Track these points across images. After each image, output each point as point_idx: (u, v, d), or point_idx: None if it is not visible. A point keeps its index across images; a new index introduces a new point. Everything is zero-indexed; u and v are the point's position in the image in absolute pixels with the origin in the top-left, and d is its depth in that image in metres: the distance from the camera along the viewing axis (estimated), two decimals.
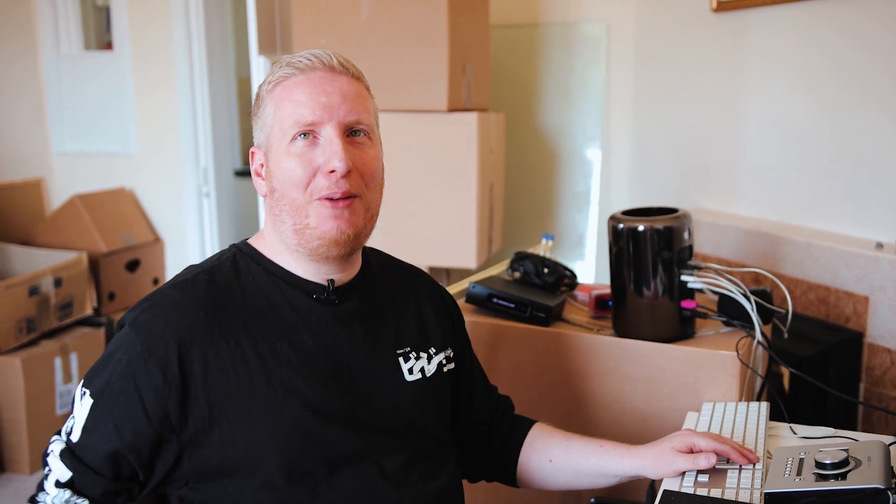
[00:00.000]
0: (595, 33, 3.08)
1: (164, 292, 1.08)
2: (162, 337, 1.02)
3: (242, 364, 1.04)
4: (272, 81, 1.10)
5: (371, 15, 2.40)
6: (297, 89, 1.07)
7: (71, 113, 3.78)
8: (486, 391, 1.37)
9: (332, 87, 1.08)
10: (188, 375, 1.02)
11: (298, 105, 1.07)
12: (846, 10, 2.09)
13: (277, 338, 1.07)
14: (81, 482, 1.02)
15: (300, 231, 1.08)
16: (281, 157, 1.08)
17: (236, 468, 1.03)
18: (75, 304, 3.11)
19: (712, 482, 1.13)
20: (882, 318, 1.91)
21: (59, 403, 2.94)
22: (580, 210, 3.20)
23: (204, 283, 1.08)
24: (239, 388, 1.03)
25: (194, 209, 3.66)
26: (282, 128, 1.08)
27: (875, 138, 2.04)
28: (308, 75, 1.08)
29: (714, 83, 2.59)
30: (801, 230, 2.21)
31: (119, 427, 1.02)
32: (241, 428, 1.03)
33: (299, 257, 1.12)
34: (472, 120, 2.40)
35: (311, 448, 1.05)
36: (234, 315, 1.07)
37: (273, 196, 1.10)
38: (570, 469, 1.28)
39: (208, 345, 1.03)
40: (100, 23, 3.92)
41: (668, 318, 1.56)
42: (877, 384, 1.94)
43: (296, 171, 1.06)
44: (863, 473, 1.04)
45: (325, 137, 1.07)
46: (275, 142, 1.09)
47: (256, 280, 1.11)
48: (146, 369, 1.01)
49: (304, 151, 1.07)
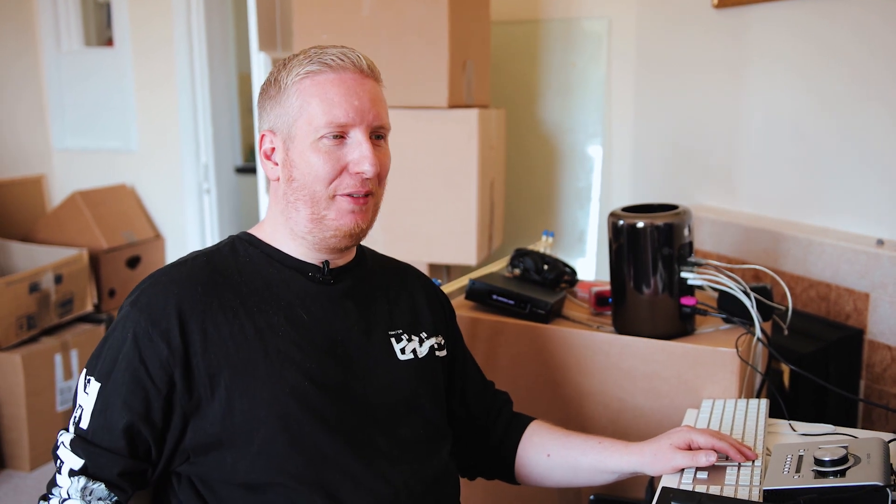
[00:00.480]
0: (596, 30, 3.07)
1: (162, 271, 1.12)
2: (164, 310, 1.05)
3: (240, 335, 1.07)
4: (301, 73, 1.11)
5: (372, 11, 2.40)
6: (331, 88, 1.10)
7: (72, 109, 3.78)
8: (481, 385, 1.38)
9: (363, 91, 1.12)
10: (189, 345, 1.05)
11: (332, 105, 1.10)
12: (846, 7, 2.09)
13: (274, 312, 1.11)
14: (96, 466, 1.03)
15: (316, 221, 1.13)
16: (306, 150, 1.11)
17: (234, 438, 1.05)
18: (76, 301, 3.12)
19: (711, 479, 1.13)
20: (883, 314, 1.90)
21: (59, 400, 2.94)
22: (581, 207, 3.20)
23: (202, 262, 1.13)
24: (237, 357, 1.06)
25: (195, 206, 3.66)
26: (311, 122, 1.10)
27: (875, 135, 2.03)
28: (340, 75, 1.11)
29: (715, 80, 2.58)
30: (801, 227, 2.21)
31: (129, 402, 1.03)
32: (238, 397, 1.05)
33: (302, 243, 1.16)
34: (473, 116, 2.40)
35: (307, 417, 1.07)
36: (232, 291, 1.11)
37: (291, 185, 1.13)
38: (568, 465, 1.28)
39: (207, 316, 1.07)
40: (100, 19, 3.92)
41: (668, 314, 1.55)
42: (877, 381, 1.94)
43: (323, 167, 1.10)
44: (862, 470, 1.04)
45: (353, 139, 1.12)
46: (300, 133, 1.11)
47: (253, 261, 1.15)
48: (151, 342, 1.04)
49: (332, 150, 1.11)
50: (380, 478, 1.10)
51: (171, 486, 1.11)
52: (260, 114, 1.17)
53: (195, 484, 1.09)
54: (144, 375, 1.04)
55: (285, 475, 1.06)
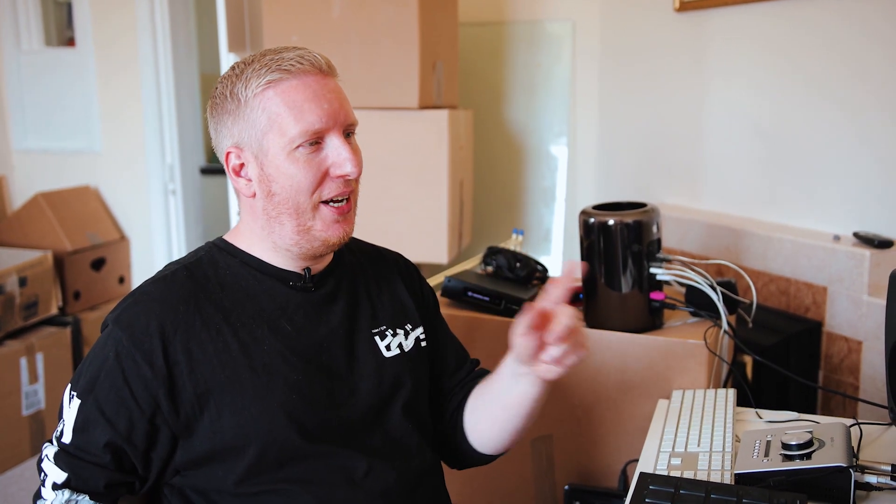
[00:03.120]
0: (561, 31, 3.13)
1: (143, 289, 1.10)
2: (146, 330, 1.04)
3: (225, 352, 1.07)
4: (261, 84, 1.07)
5: (343, 12, 2.41)
6: (296, 95, 1.07)
7: (32, 110, 3.73)
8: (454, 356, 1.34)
9: (329, 92, 1.09)
10: (173, 366, 1.04)
11: (303, 112, 1.07)
12: (801, 10, 2.17)
13: (257, 325, 1.10)
14: (80, 479, 1.03)
15: (303, 232, 1.11)
16: (282, 162, 1.08)
17: (225, 453, 1.06)
18: (40, 304, 3.08)
19: (685, 465, 1.18)
20: (840, 308, 1.98)
21: (24, 404, 2.90)
22: (547, 205, 3.25)
23: (182, 277, 1.11)
24: (223, 374, 1.06)
25: (160, 207, 3.63)
26: (283, 134, 1.07)
27: (831, 135, 2.11)
28: (302, 80, 1.08)
29: (677, 81, 2.65)
30: (761, 224, 2.28)
31: (112, 420, 1.03)
32: (227, 413, 1.05)
33: (286, 254, 1.14)
34: (443, 117, 2.43)
35: (297, 428, 1.08)
36: (214, 306, 1.09)
37: (271, 199, 1.10)
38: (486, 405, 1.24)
39: (190, 335, 1.06)
40: (60, 18, 3.86)
41: (638, 309, 1.61)
42: (835, 371, 2.02)
43: (305, 177, 1.08)
44: (827, 453, 1.10)
45: (330, 143, 1.10)
46: (272, 146, 1.08)
47: (233, 272, 1.14)
48: (134, 362, 1.03)
49: (310, 157, 1.08)
50: (373, 476, 1.12)
51: (164, 495, 1.12)
52: (218, 129, 1.12)
53: (188, 494, 1.10)
54: (128, 395, 1.03)
55: (278, 483, 1.07)
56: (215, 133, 1.13)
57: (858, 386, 1.94)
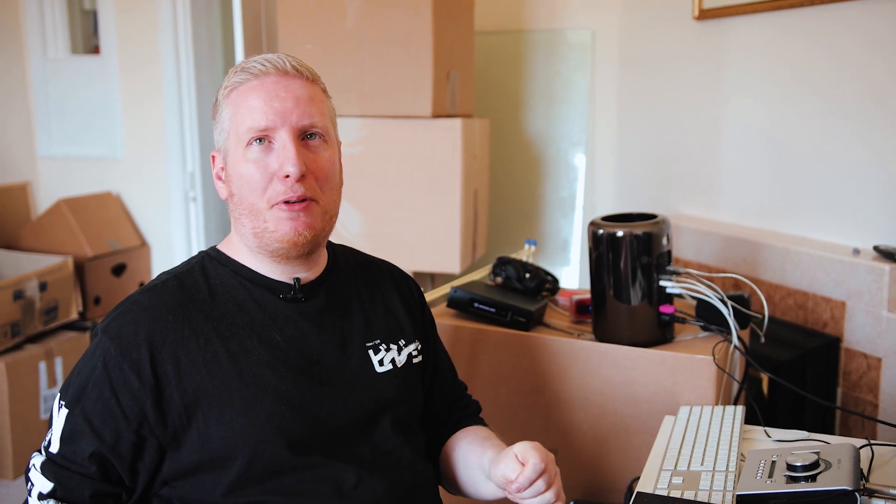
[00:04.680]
0: (580, 40, 3.10)
1: (133, 299, 1.10)
2: (134, 340, 1.04)
3: (214, 362, 1.06)
4: (228, 87, 1.11)
5: (357, 21, 2.42)
6: (252, 94, 1.09)
7: (57, 117, 3.78)
8: (448, 388, 1.36)
9: (286, 92, 1.09)
10: (161, 376, 1.04)
11: (253, 111, 1.08)
12: (820, 21, 2.13)
13: (247, 335, 1.10)
14: (66, 489, 1.02)
15: (259, 234, 1.11)
16: (238, 162, 1.10)
17: (212, 463, 1.05)
18: (60, 309, 3.11)
19: (686, 484, 1.15)
20: (858, 323, 1.93)
21: (43, 408, 2.93)
22: (565, 215, 3.22)
23: (173, 287, 1.11)
24: (212, 385, 1.05)
25: (181, 214, 3.66)
26: (237, 133, 1.10)
27: (851, 146, 2.07)
28: (262, 80, 1.10)
29: (696, 90, 2.62)
30: (779, 236, 2.24)
31: (99, 431, 1.03)
32: (215, 424, 1.05)
33: (262, 258, 1.15)
34: (457, 126, 2.42)
35: (285, 440, 1.07)
36: (203, 316, 1.09)
37: (233, 200, 1.13)
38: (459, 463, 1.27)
39: (179, 345, 1.06)
40: (87, 27, 3.91)
41: (647, 322, 1.58)
42: (853, 389, 1.96)
43: (252, 176, 1.09)
44: (832, 475, 1.06)
45: (279, 142, 1.09)
46: (231, 147, 1.11)
47: (224, 282, 1.14)
48: (121, 372, 1.03)
49: (260, 157, 1.09)
50: (362, 488, 1.10)
51: None
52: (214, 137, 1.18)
53: None
54: (115, 406, 1.03)
55: (266, 493, 1.06)
56: None
57: (878, 405, 1.89)
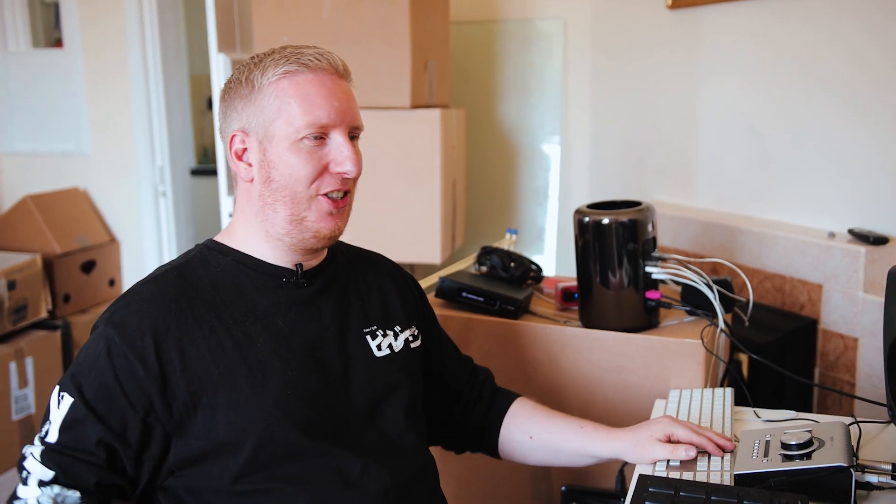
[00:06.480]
0: (552, 29, 3.12)
1: (135, 290, 1.11)
2: (138, 328, 1.04)
3: (219, 349, 1.07)
4: (278, 73, 1.10)
5: (333, 12, 2.40)
6: (311, 88, 1.10)
7: (20, 112, 3.69)
8: (458, 364, 1.40)
9: (342, 92, 1.13)
10: (166, 364, 1.04)
11: (314, 106, 1.10)
12: (794, 6, 2.16)
13: (251, 323, 1.11)
14: (70, 476, 1.01)
15: (296, 222, 1.12)
16: (285, 151, 1.10)
17: (219, 450, 1.05)
18: (30, 307, 3.05)
19: (684, 466, 1.17)
20: (835, 304, 1.98)
21: (14, 409, 2.87)
22: (540, 204, 3.24)
23: (174, 277, 1.12)
24: (218, 372, 1.06)
25: (150, 209, 3.60)
26: (291, 123, 1.10)
27: (825, 131, 2.11)
28: (319, 76, 1.12)
29: (670, 78, 2.64)
30: (756, 221, 2.28)
31: (104, 418, 1.02)
32: (222, 411, 1.05)
33: (278, 245, 1.15)
34: (435, 117, 2.42)
35: (292, 425, 1.07)
36: (206, 304, 1.10)
37: (269, 185, 1.12)
38: (550, 447, 1.32)
39: (183, 333, 1.06)
40: (48, 19, 3.83)
41: (634, 308, 1.59)
42: (831, 368, 2.01)
43: (305, 168, 1.10)
44: (827, 453, 1.09)
45: (334, 140, 1.13)
46: (279, 134, 1.10)
47: (225, 270, 1.14)
48: (126, 361, 1.03)
49: (313, 150, 1.11)
50: (368, 476, 1.11)
51: (157, 500, 1.10)
52: (227, 113, 1.15)
53: (182, 495, 1.08)
54: (120, 394, 1.03)
55: (273, 481, 1.06)
56: (223, 116, 1.16)
57: (854, 383, 1.94)
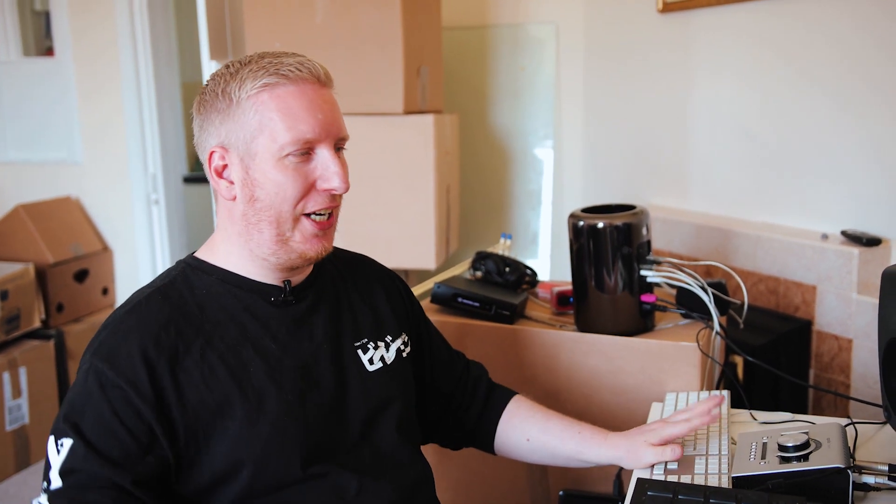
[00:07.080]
0: (544, 34, 3.12)
1: (118, 319, 1.04)
2: (128, 359, 0.99)
3: (212, 378, 1.03)
4: (257, 86, 1.04)
5: (326, 18, 2.40)
6: (292, 101, 1.04)
7: (12, 121, 3.68)
8: (449, 362, 1.38)
9: (325, 103, 1.07)
10: (161, 391, 1.00)
11: (297, 120, 1.04)
12: (785, 8, 2.17)
13: (241, 346, 1.07)
14: None
15: (281, 242, 1.08)
16: (270, 168, 1.05)
17: (220, 477, 1.03)
18: (23, 317, 3.03)
19: (682, 469, 1.17)
20: (829, 306, 1.98)
21: (8, 419, 2.86)
22: (533, 209, 3.24)
23: (157, 302, 1.06)
24: (213, 401, 1.02)
25: (143, 217, 3.59)
26: (274, 139, 1.04)
27: (818, 134, 2.11)
28: (300, 87, 1.05)
29: (662, 82, 2.65)
30: (750, 224, 2.29)
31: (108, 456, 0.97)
32: (219, 440, 1.02)
33: (262, 264, 1.11)
34: (429, 122, 2.42)
35: (290, 448, 1.05)
36: (194, 330, 1.05)
37: (253, 205, 1.07)
38: (547, 451, 1.31)
39: (175, 361, 1.02)
40: (38, 28, 3.82)
41: (629, 312, 1.60)
42: (825, 370, 2.01)
43: (291, 186, 1.05)
44: (824, 454, 1.09)
45: (320, 155, 1.07)
46: (262, 151, 1.05)
47: (211, 292, 1.09)
48: (121, 391, 0.98)
49: (299, 167, 1.06)
50: (365, 493, 1.10)
51: None
52: (204, 127, 1.08)
53: None
54: (119, 427, 0.97)
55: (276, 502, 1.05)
56: (199, 130, 1.09)
57: (849, 384, 1.94)
